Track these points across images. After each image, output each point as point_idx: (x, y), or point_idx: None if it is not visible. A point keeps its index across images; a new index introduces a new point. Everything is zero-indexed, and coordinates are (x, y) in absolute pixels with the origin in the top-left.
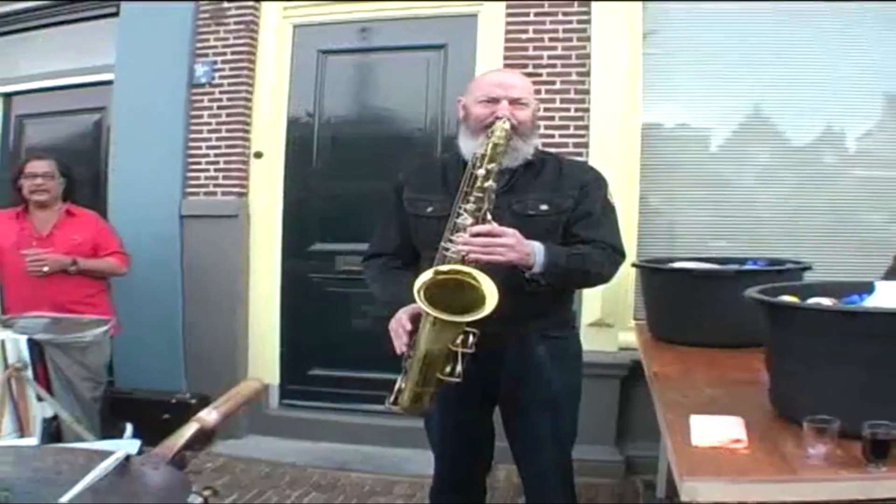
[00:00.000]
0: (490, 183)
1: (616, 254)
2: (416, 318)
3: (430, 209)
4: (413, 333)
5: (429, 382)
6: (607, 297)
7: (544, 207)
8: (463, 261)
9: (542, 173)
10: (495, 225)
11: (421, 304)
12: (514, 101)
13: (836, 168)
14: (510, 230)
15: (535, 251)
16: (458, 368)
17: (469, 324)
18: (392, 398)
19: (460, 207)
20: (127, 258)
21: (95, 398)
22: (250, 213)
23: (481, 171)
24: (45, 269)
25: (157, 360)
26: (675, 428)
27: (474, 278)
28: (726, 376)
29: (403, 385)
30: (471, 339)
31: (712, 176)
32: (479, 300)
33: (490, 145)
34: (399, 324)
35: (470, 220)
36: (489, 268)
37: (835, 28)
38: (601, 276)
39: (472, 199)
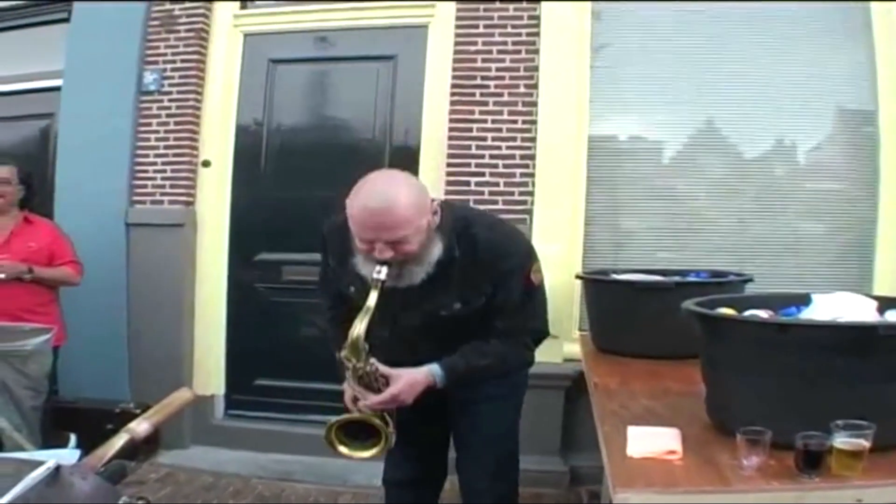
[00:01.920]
0: (363, 369)
1: (536, 335)
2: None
3: (351, 289)
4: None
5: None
6: (552, 309)
7: (457, 306)
8: None
9: (454, 266)
10: (388, 381)
11: (331, 442)
12: (392, 242)
13: (786, 180)
14: (397, 389)
15: (434, 377)
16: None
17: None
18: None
19: (346, 370)
20: (81, 268)
21: (36, 407)
22: (197, 222)
23: (351, 366)
24: (1, 276)
25: (101, 369)
26: (612, 439)
27: (377, 420)
28: (665, 388)
29: None
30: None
31: (661, 188)
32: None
33: (351, 354)
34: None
35: (355, 382)
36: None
37: (787, 41)
38: (519, 364)
39: (351, 374)
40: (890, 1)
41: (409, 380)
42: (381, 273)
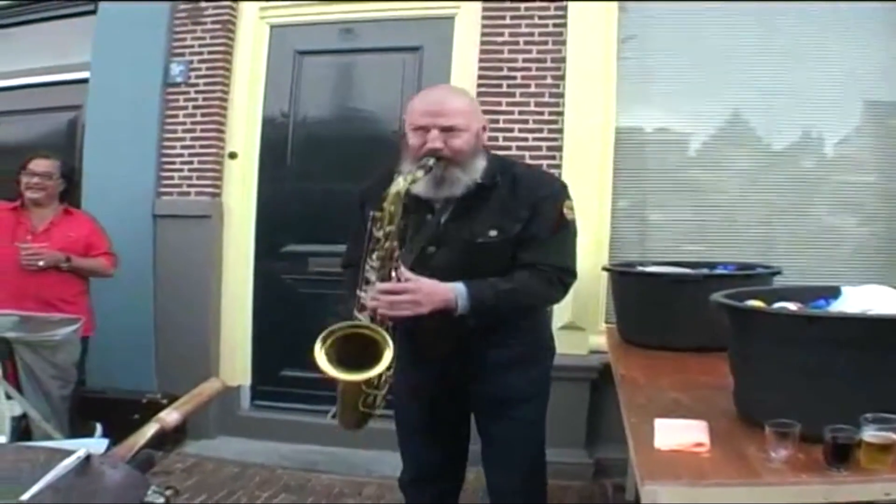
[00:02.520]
0: (390, 243)
1: (563, 274)
2: None
3: None
4: None
5: (353, 411)
6: (579, 301)
7: (493, 233)
8: (375, 314)
9: (494, 194)
10: (401, 281)
11: (320, 363)
12: (445, 129)
13: (813, 173)
14: (415, 285)
15: (457, 295)
16: (378, 401)
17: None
18: (331, 413)
19: (366, 262)
20: (116, 260)
21: (64, 397)
22: (224, 214)
23: (380, 234)
24: (41, 263)
25: (128, 359)
26: (639, 431)
27: (374, 332)
28: (692, 380)
29: (336, 407)
30: (383, 379)
31: (688, 180)
32: (381, 349)
33: (386, 211)
34: None
35: (374, 276)
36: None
37: (814, 34)
38: (543, 302)
39: (374, 256)
40: None
41: (431, 285)
42: (430, 161)
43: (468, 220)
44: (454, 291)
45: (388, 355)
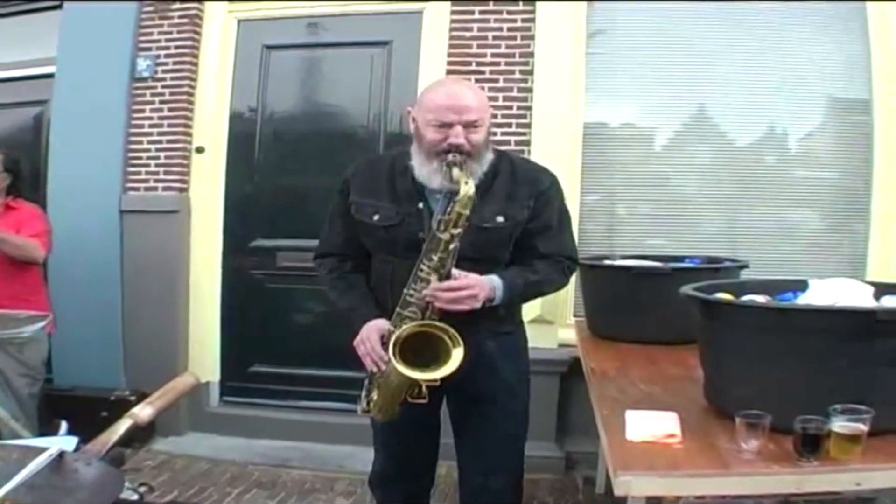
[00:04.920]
0: (454, 245)
1: (573, 263)
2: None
3: (375, 217)
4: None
5: (397, 400)
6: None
7: (500, 219)
8: (427, 306)
9: (497, 181)
10: (460, 278)
11: (394, 363)
12: (468, 125)
13: (776, 168)
14: (473, 280)
15: (495, 288)
16: (424, 390)
17: None
18: (364, 406)
19: (423, 263)
20: (49, 245)
21: (33, 395)
22: (191, 209)
23: (446, 236)
24: None
25: (95, 356)
26: (611, 423)
27: (447, 333)
28: (663, 372)
29: (375, 397)
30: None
31: (654, 175)
32: (445, 351)
33: (455, 213)
34: (370, 347)
35: (434, 276)
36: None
37: (779, 30)
38: (557, 290)
39: (435, 257)
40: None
41: (480, 279)
42: (457, 157)
43: (475, 207)
44: (491, 281)
45: (458, 353)
